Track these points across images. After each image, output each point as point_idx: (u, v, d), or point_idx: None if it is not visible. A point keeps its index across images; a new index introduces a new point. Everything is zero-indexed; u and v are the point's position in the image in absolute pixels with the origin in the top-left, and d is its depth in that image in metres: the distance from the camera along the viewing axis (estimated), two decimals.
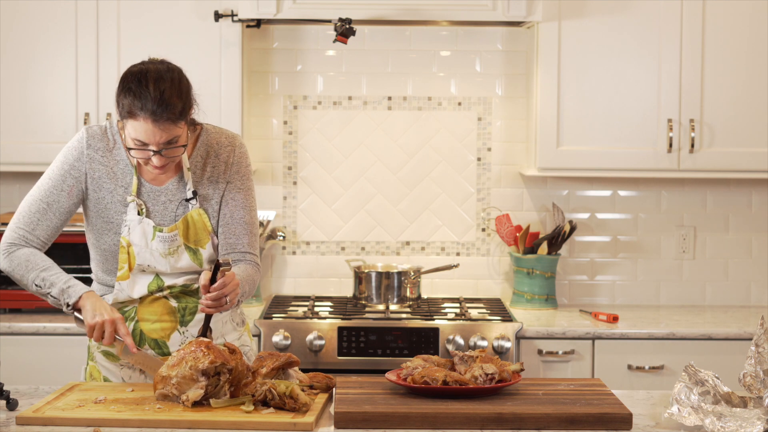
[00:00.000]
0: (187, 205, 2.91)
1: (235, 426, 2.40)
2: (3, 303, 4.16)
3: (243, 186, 2.96)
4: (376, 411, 2.43)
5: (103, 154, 2.90)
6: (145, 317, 2.92)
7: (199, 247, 2.91)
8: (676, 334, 3.99)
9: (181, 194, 2.91)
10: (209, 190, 2.93)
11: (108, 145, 2.90)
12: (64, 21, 4.19)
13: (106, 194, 2.89)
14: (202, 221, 2.91)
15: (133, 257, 2.88)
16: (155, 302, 2.92)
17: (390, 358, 3.95)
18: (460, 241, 4.59)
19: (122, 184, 2.89)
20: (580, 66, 4.20)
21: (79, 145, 2.89)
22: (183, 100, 2.78)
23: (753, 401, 2.47)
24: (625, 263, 4.60)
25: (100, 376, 2.96)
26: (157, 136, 2.74)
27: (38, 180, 2.93)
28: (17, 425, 2.41)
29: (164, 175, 2.91)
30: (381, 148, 4.57)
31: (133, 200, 2.88)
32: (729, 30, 4.19)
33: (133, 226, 2.87)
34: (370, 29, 4.52)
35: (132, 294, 2.90)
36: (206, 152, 2.95)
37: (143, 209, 2.89)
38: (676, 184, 4.57)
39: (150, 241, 2.87)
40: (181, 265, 2.90)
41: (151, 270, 2.90)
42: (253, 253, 2.97)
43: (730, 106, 4.21)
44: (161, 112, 2.72)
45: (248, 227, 2.96)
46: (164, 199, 2.91)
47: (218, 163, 2.95)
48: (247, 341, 3.08)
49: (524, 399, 2.55)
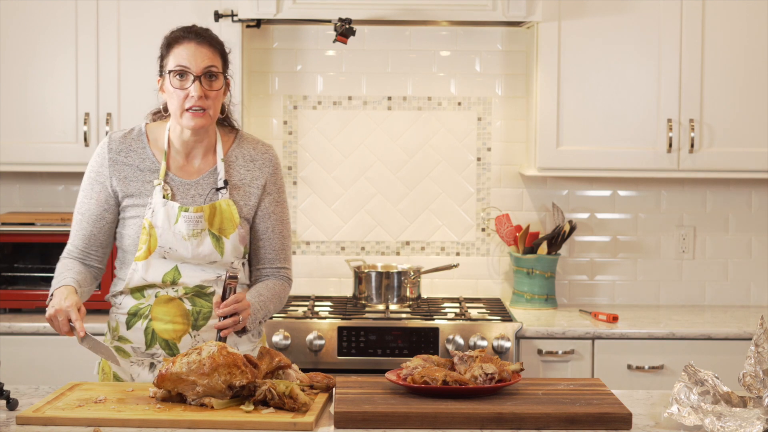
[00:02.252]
0: (217, 194, 2.94)
1: (235, 426, 2.40)
2: (3, 303, 4.16)
3: (280, 199, 3.03)
4: (376, 411, 2.43)
5: (126, 155, 2.95)
6: (159, 317, 2.92)
7: (223, 236, 2.92)
8: (675, 334, 3.99)
9: (210, 189, 2.94)
10: (241, 189, 2.97)
11: (131, 145, 2.96)
12: (64, 21, 4.19)
13: (134, 190, 2.94)
14: (230, 211, 2.93)
15: (155, 239, 2.89)
16: (170, 303, 2.92)
17: (390, 358, 3.95)
18: (460, 241, 4.59)
19: (149, 178, 2.94)
20: (579, 66, 4.21)
21: (101, 151, 2.97)
22: (222, 44, 2.95)
23: (753, 401, 2.47)
24: (625, 263, 4.60)
25: (111, 372, 2.98)
26: (198, 59, 2.85)
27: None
28: (17, 425, 2.41)
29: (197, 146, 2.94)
30: (381, 148, 4.57)
31: (159, 183, 2.91)
32: (729, 30, 4.19)
33: (158, 208, 2.90)
34: (370, 29, 4.52)
35: (146, 277, 2.90)
36: (241, 154, 3.00)
37: (169, 194, 2.92)
38: (676, 184, 4.57)
39: (173, 224, 2.89)
40: (202, 250, 2.90)
41: (173, 255, 2.90)
42: (287, 267, 3.04)
43: (730, 106, 4.21)
44: (204, 34, 2.90)
45: (284, 241, 3.03)
46: (193, 192, 2.94)
47: (253, 168, 2.99)
48: None
49: (524, 399, 2.55)
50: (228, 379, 2.49)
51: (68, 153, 4.22)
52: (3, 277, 4.22)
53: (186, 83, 2.86)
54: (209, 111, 2.88)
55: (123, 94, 4.21)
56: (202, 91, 2.86)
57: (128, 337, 2.95)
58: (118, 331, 2.98)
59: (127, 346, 2.96)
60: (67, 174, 4.53)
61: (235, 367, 2.50)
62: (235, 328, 2.76)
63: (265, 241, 3.01)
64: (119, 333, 2.97)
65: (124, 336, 2.96)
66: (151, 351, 2.93)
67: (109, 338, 2.99)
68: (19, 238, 4.20)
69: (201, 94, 2.85)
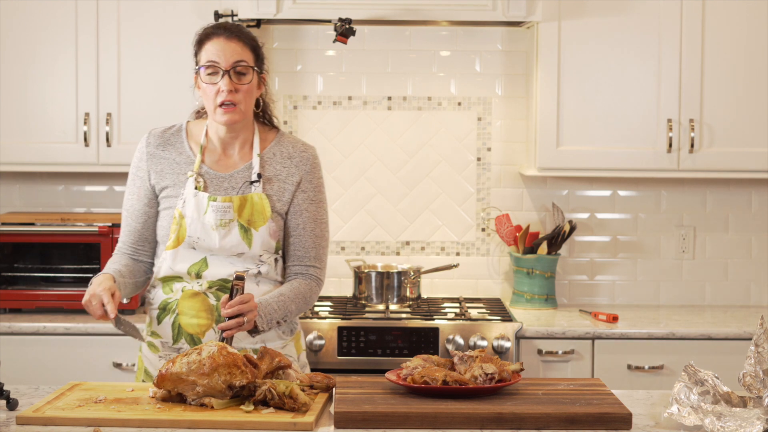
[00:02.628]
0: (250, 187, 2.95)
1: (235, 426, 2.40)
2: (3, 303, 4.16)
3: (315, 198, 3.02)
4: (376, 411, 2.43)
5: (164, 148, 2.99)
6: (185, 311, 2.93)
7: (252, 228, 2.92)
8: (675, 334, 3.99)
9: (243, 182, 2.95)
10: (275, 184, 2.96)
11: (170, 140, 3.00)
12: (64, 21, 4.19)
13: (169, 182, 2.96)
14: (262, 204, 2.93)
15: (184, 229, 2.91)
16: (195, 297, 2.93)
17: (390, 358, 3.95)
18: (460, 241, 4.59)
19: (185, 171, 2.97)
20: (579, 66, 4.21)
21: (140, 147, 3.03)
22: (254, 39, 2.97)
23: (753, 401, 2.47)
24: (625, 263, 4.60)
25: (143, 366, 3.02)
26: (227, 53, 2.88)
27: None
28: (17, 425, 2.41)
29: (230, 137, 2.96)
30: (381, 148, 4.57)
31: (192, 175, 2.94)
32: (729, 30, 4.19)
33: (189, 199, 2.92)
34: (370, 29, 4.52)
35: (173, 266, 2.92)
36: (279, 151, 3.00)
37: (201, 185, 2.93)
38: (676, 184, 4.57)
39: (203, 215, 2.91)
40: (229, 240, 2.91)
41: (201, 246, 2.91)
42: (317, 267, 3.02)
43: (730, 106, 4.21)
44: (234, 30, 2.93)
45: (317, 240, 3.01)
46: (226, 185, 2.95)
47: (290, 165, 2.99)
48: (292, 352, 3.05)
49: (524, 399, 2.55)
50: (228, 379, 2.49)
51: (68, 153, 4.22)
52: (3, 277, 4.22)
53: (216, 78, 2.89)
54: (240, 106, 2.90)
55: (123, 94, 4.21)
56: (232, 85, 2.88)
57: (158, 332, 2.99)
58: (150, 327, 3.02)
59: (157, 341, 2.99)
60: (67, 174, 4.53)
61: (235, 367, 2.50)
62: (239, 329, 2.76)
63: (295, 237, 2.99)
64: (152, 328, 3.01)
65: (156, 331, 2.99)
66: (178, 345, 2.95)
67: (145, 334, 3.03)
68: (19, 238, 4.20)
69: (230, 89, 2.87)
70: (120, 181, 4.55)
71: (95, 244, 4.19)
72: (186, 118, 3.09)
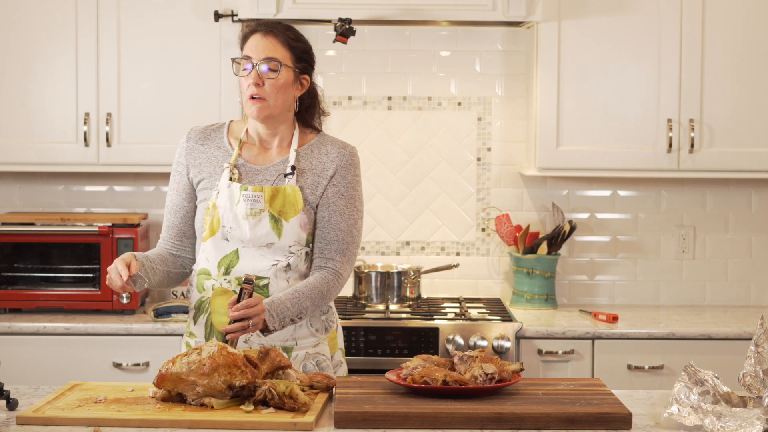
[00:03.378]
0: (284, 179, 2.96)
1: (235, 426, 2.40)
2: (3, 303, 4.16)
3: (347, 194, 2.99)
4: (376, 411, 2.43)
5: (203, 143, 3.02)
6: (216, 309, 2.93)
7: (283, 219, 2.92)
8: (675, 334, 4.00)
9: (279, 173, 2.96)
10: (309, 177, 2.97)
11: (210, 135, 3.04)
12: (64, 21, 4.19)
13: (207, 174, 2.98)
14: (294, 196, 2.93)
15: (217, 219, 2.93)
16: (224, 295, 2.92)
17: (390, 358, 3.95)
18: (460, 241, 4.59)
19: (222, 164, 2.98)
20: (579, 66, 4.21)
21: (181, 142, 3.06)
22: (297, 39, 2.97)
23: (753, 401, 2.47)
24: (625, 263, 4.60)
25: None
26: (260, 48, 2.92)
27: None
28: (17, 425, 2.41)
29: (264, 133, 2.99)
30: (381, 148, 4.57)
31: (227, 167, 2.95)
32: (728, 30, 4.19)
33: (223, 189, 2.94)
34: (370, 29, 4.52)
35: (209, 257, 2.93)
36: (318, 147, 3.01)
37: (236, 177, 2.95)
38: (676, 184, 4.58)
39: (235, 205, 2.92)
40: (259, 230, 2.91)
41: (234, 236, 2.91)
42: (337, 260, 2.95)
43: (729, 106, 4.21)
44: (272, 27, 2.96)
45: (341, 234, 2.96)
46: (261, 178, 2.96)
47: (326, 160, 2.99)
48: (325, 351, 3.01)
49: (524, 399, 2.55)
50: (228, 379, 2.49)
51: (68, 153, 4.22)
52: (3, 277, 4.22)
53: (247, 72, 2.93)
54: (269, 100, 2.92)
55: (123, 94, 4.21)
56: (258, 78, 2.90)
57: (195, 332, 2.99)
58: (189, 328, 3.02)
59: (192, 341, 3.00)
60: (67, 174, 4.53)
61: (235, 367, 2.50)
62: (243, 332, 2.75)
63: (320, 230, 2.97)
64: (189, 329, 3.02)
65: (192, 331, 3.00)
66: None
67: (185, 333, 3.05)
68: (19, 238, 4.20)
69: (256, 82, 2.90)
70: (120, 181, 4.55)
71: (95, 244, 4.19)
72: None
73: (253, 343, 2.92)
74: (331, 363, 3.01)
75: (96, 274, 4.20)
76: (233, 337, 2.74)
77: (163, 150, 4.19)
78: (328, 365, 2.99)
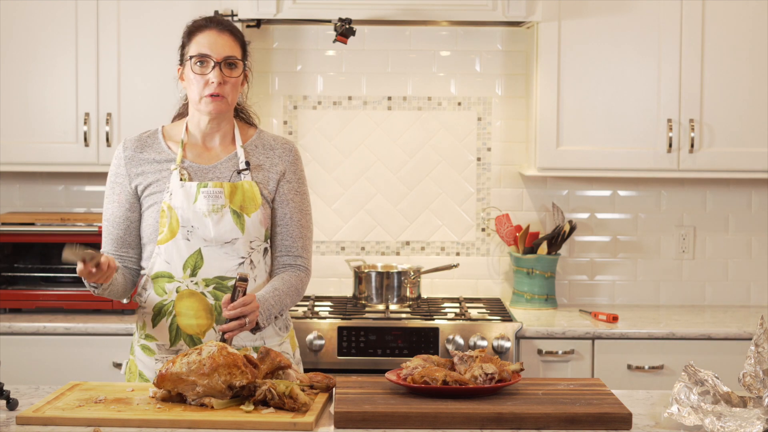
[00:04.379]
0: (239, 176, 2.96)
1: (235, 426, 2.40)
2: (3, 303, 4.16)
3: (300, 189, 3.04)
4: (376, 411, 2.43)
5: (141, 150, 3.00)
6: (182, 311, 2.93)
7: (245, 213, 2.93)
8: (675, 334, 3.99)
9: (230, 172, 2.97)
10: (261, 173, 2.99)
11: (147, 142, 3.02)
12: (64, 21, 4.19)
13: (152, 179, 2.97)
14: (252, 191, 2.95)
15: (176, 219, 2.92)
16: (192, 297, 2.92)
17: (390, 358, 3.95)
18: (459, 241, 4.59)
19: (166, 167, 2.97)
20: (580, 66, 4.21)
21: (117, 154, 3.03)
22: (243, 37, 3.03)
23: (753, 401, 2.47)
24: (625, 263, 4.60)
25: (137, 370, 3.00)
26: (218, 46, 2.93)
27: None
28: (17, 425, 2.41)
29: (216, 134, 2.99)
30: (381, 148, 4.57)
31: (175, 168, 2.95)
32: (729, 30, 4.19)
33: (176, 190, 2.93)
34: (370, 29, 4.52)
35: (168, 260, 2.92)
36: (261, 144, 3.04)
37: (186, 177, 2.95)
38: (676, 184, 4.57)
39: (193, 203, 2.92)
40: (223, 226, 2.91)
41: (196, 235, 2.91)
42: (304, 257, 3.03)
43: (730, 106, 4.21)
44: (225, 24, 3.00)
45: (303, 231, 3.03)
46: (212, 176, 2.97)
47: (272, 156, 3.02)
48: (288, 349, 3.06)
49: (524, 399, 2.55)
50: (228, 380, 2.49)
51: (68, 153, 4.22)
52: (3, 277, 4.22)
53: (206, 70, 2.93)
54: (228, 98, 2.94)
55: (123, 94, 4.22)
56: (222, 77, 2.92)
57: (154, 334, 2.98)
58: (145, 330, 3.00)
59: (152, 344, 2.98)
60: (67, 174, 4.53)
61: (235, 367, 2.50)
62: (241, 330, 2.76)
63: (282, 227, 3.01)
64: (146, 331, 3.00)
65: (151, 334, 2.99)
66: (176, 347, 2.94)
67: (137, 337, 3.02)
68: (19, 238, 4.20)
69: (220, 81, 2.92)
70: None
71: (95, 245, 4.18)
72: None
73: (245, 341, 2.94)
74: (294, 360, 3.06)
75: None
76: (232, 335, 2.75)
77: None
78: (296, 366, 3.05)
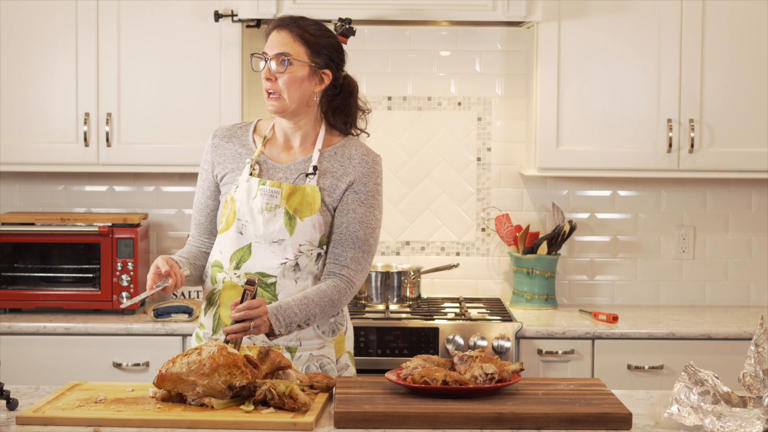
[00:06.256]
0: (305, 179, 2.95)
1: (235, 426, 2.40)
2: (3, 303, 4.16)
3: (366, 202, 2.96)
4: (376, 411, 2.43)
5: (228, 140, 3.04)
6: (225, 303, 2.94)
7: (297, 217, 2.91)
8: (675, 334, 4.00)
9: (299, 174, 2.96)
10: (329, 179, 2.95)
11: (236, 133, 3.05)
12: (64, 21, 4.19)
13: (229, 169, 3.00)
14: (313, 196, 2.92)
15: (233, 212, 2.94)
16: (234, 289, 2.93)
17: (390, 358, 3.95)
18: (460, 241, 4.59)
19: (245, 160, 2.99)
20: (579, 66, 4.21)
21: (208, 141, 3.08)
22: (315, 34, 2.97)
23: (753, 401, 2.47)
24: (625, 263, 4.60)
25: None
26: (273, 43, 2.92)
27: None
28: (17, 425, 2.41)
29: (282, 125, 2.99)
30: (381, 148, 4.56)
31: (248, 163, 2.96)
32: (729, 30, 4.19)
33: (242, 184, 2.95)
34: (370, 29, 4.52)
35: (222, 250, 2.95)
36: (341, 151, 2.98)
37: (256, 172, 2.96)
38: (676, 184, 4.58)
39: (252, 199, 2.92)
40: (272, 225, 2.90)
41: (248, 230, 2.92)
42: (351, 269, 2.92)
43: (730, 106, 4.21)
44: (288, 22, 2.95)
45: (358, 243, 2.93)
46: (281, 175, 2.96)
47: (347, 165, 2.96)
48: (331, 354, 2.97)
49: (524, 399, 2.55)
50: (228, 380, 2.49)
51: (68, 153, 4.22)
52: (3, 277, 4.22)
53: (260, 67, 2.95)
54: (283, 95, 2.92)
55: (123, 94, 4.21)
56: (269, 73, 2.91)
57: (204, 323, 3.00)
58: (200, 318, 3.04)
59: (202, 332, 3.01)
60: (67, 174, 4.53)
61: (235, 367, 2.50)
62: (245, 334, 2.73)
63: (337, 236, 2.94)
64: (200, 320, 3.03)
65: (202, 322, 3.01)
66: (215, 337, 2.94)
67: (197, 324, 3.07)
68: (19, 238, 4.20)
69: (266, 76, 2.91)
70: (120, 181, 4.55)
71: (95, 244, 4.19)
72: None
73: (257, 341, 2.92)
74: (335, 366, 2.98)
75: (96, 274, 4.20)
76: (234, 338, 2.73)
77: (163, 150, 4.19)
78: (332, 368, 2.96)
